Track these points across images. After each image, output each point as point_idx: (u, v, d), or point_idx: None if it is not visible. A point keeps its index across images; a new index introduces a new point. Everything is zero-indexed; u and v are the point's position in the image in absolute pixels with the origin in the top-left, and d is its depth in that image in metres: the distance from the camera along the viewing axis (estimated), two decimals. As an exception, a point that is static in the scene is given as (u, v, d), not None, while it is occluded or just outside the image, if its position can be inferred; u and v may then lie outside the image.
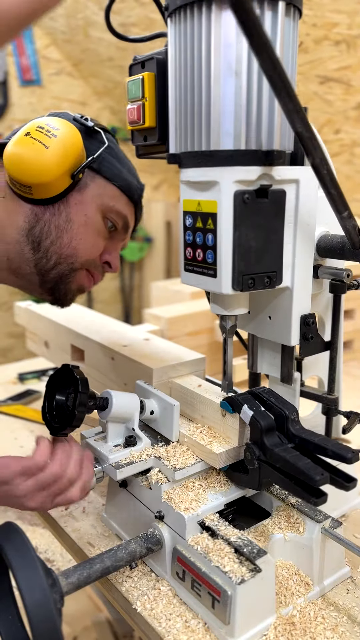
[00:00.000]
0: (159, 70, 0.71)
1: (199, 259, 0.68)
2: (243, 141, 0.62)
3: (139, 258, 3.61)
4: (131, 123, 0.75)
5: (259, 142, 0.62)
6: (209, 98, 0.61)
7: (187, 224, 0.69)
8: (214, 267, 0.66)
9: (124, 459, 0.75)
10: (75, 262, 0.89)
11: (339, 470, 0.63)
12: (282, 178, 0.66)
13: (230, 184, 0.62)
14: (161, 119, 0.72)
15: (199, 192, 0.66)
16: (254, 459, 0.69)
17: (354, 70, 1.77)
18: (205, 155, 0.63)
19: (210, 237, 0.65)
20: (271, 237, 0.67)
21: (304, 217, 0.70)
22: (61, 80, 3.16)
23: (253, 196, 0.63)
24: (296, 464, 0.62)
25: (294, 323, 0.74)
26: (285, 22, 0.61)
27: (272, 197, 0.65)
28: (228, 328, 0.74)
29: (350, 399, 1.22)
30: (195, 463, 0.75)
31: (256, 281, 0.66)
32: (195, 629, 0.65)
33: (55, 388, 0.78)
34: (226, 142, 0.62)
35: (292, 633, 0.65)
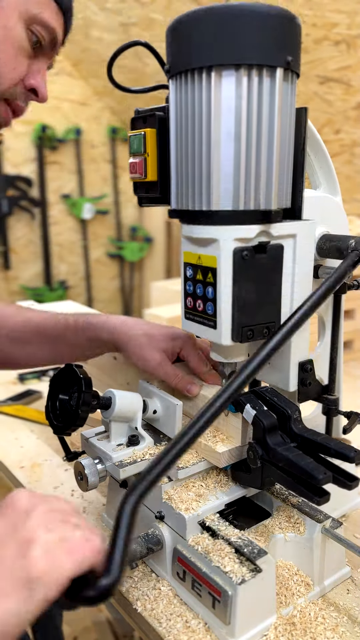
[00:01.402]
0: (160, 127, 0.72)
1: (199, 309, 0.70)
2: (242, 202, 0.63)
3: (139, 258, 3.61)
4: (133, 177, 0.76)
5: (257, 202, 0.64)
6: (209, 160, 0.63)
7: (188, 275, 0.71)
8: (214, 318, 0.67)
9: (126, 458, 0.75)
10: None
11: (341, 470, 0.63)
12: (280, 234, 0.68)
13: (230, 241, 0.64)
14: (163, 173, 0.73)
15: (199, 247, 0.68)
16: (256, 458, 0.69)
17: (354, 70, 1.77)
18: (205, 215, 0.65)
19: (210, 290, 0.67)
20: (270, 290, 0.69)
21: (301, 268, 0.72)
22: (61, 80, 3.16)
23: (252, 252, 0.65)
24: (299, 463, 0.62)
25: (292, 370, 0.75)
26: (284, 86, 0.62)
27: (270, 252, 0.67)
28: (227, 374, 0.76)
29: (351, 399, 1.22)
30: (198, 462, 0.75)
31: (255, 332, 0.68)
32: (195, 629, 0.65)
33: (59, 387, 0.78)
34: (225, 203, 0.64)
35: (292, 633, 0.65)
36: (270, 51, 0.60)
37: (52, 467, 1.05)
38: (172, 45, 0.64)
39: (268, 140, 0.63)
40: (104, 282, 3.63)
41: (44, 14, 0.74)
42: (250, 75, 0.60)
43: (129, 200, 3.60)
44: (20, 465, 1.06)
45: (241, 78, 0.60)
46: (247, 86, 0.60)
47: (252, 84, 0.60)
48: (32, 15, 0.73)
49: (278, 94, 0.61)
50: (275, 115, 0.62)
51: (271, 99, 0.62)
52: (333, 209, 0.79)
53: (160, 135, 0.72)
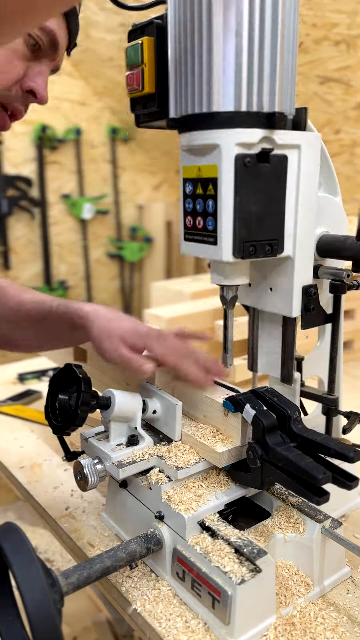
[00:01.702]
0: (159, 35, 0.70)
1: (199, 226, 0.67)
2: (244, 102, 0.61)
3: (139, 258, 3.61)
4: (130, 90, 0.73)
5: (260, 103, 0.62)
6: (210, 58, 0.60)
7: (187, 191, 0.68)
8: (215, 234, 0.65)
9: (126, 458, 0.75)
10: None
11: (341, 470, 0.63)
12: (284, 143, 0.65)
13: (231, 146, 0.61)
14: (161, 85, 0.70)
15: (199, 158, 0.65)
16: (256, 458, 0.69)
17: (354, 70, 1.77)
18: (206, 117, 0.63)
19: (211, 203, 0.64)
20: (273, 204, 0.66)
21: (306, 184, 0.69)
22: (61, 80, 3.16)
23: (254, 160, 0.62)
24: (299, 463, 0.62)
25: (295, 293, 0.73)
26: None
27: (273, 162, 0.64)
28: (229, 299, 0.73)
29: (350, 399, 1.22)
30: (198, 462, 0.75)
31: (257, 249, 0.65)
32: (195, 629, 0.65)
33: (58, 387, 0.78)
34: (227, 104, 0.61)
35: (292, 633, 0.65)
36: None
37: (52, 467, 1.05)
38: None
39: (271, 36, 0.60)
40: (104, 282, 3.63)
41: None
42: None
43: (129, 200, 3.59)
44: (20, 465, 1.06)
45: None
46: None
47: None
48: None
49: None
50: (279, 9, 0.60)
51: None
52: (333, 209, 0.79)
53: (158, 44, 0.70)
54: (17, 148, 3.11)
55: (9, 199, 3.09)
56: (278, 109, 0.62)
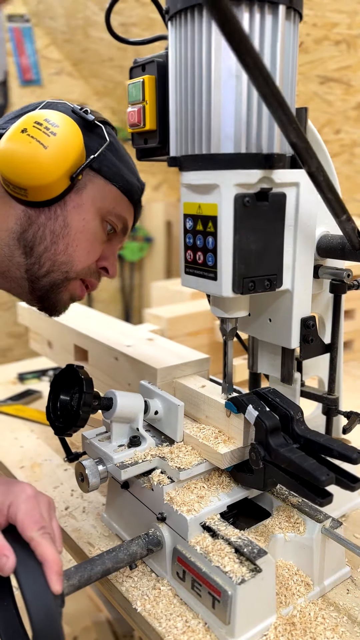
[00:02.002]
0: (160, 73, 0.71)
1: (199, 261, 0.68)
2: (243, 145, 0.62)
3: (139, 258, 3.61)
4: (132, 126, 0.75)
5: (260, 145, 0.63)
6: (210, 101, 0.61)
7: (188, 226, 0.69)
8: (215, 270, 0.66)
9: (128, 459, 0.75)
10: (70, 270, 0.82)
11: (343, 471, 0.63)
12: (283, 181, 0.66)
13: (231, 187, 0.62)
14: (162, 121, 0.72)
15: (199, 195, 0.66)
16: (259, 460, 0.69)
17: (354, 70, 1.77)
18: (206, 159, 0.64)
19: (211, 240, 0.65)
20: (271, 240, 0.67)
21: (304, 219, 0.70)
22: (61, 80, 3.16)
23: (253, 199, 0.63)
24: (301, 465, 0.62)
25: (294, 325, 0.74)
26: (286, 25, 0.61)
27: (272, 200, 0.65)
28: (228, 331, 0.75)
29: (351, 399, 1.22)
30: (200, 463, 0.75)
31: (256, 284, 0.66)
32: (195, 629, 0.65)
33: (60, 388, 0.78)
34: (227, 146, 0.62)
35: (292, 633, 0.65)
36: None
37: (52, 467, 1.05)
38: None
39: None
40: (104, 282, 3.63)
41: (117, 208, 0.85)
42: (252, 11, 0.58)
43: (129, 200, 3.60)
44: (20, 465, 1.06)
45: (242, 14, 0.58)
46: (249, 22, 0.59)
47: (254, 20, 0.59)
48: (108, 210, 0.83)
49: (280, 31, 0.60)
50: (278, 53, 0.60)
51: (273, 37, 0.60)
52: (333, 209, 0.79)
53: (159, 82, 0.70)
54: (17, 148, 3.11)
55: (9, 199, 3.09)
56: (277, 151, 0.63)
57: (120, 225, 0.87)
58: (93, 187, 0.82)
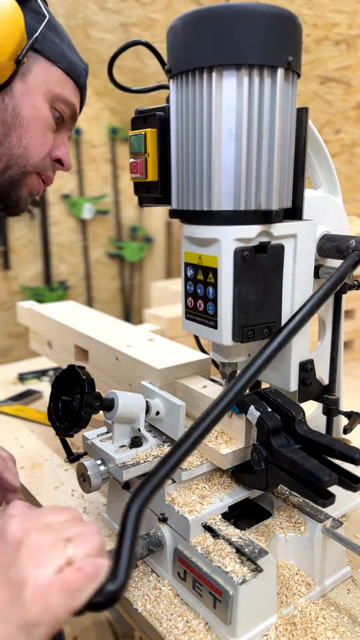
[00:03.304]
0: (161, 127, 0.72)
1: (199, 309, 0.70)
2: (242, 202, 0.64)
3: (139, 258, 3.61)
4: (134, 177, 0.76)
5: (258, 202, 0.64)
6: (210, 160, 0.63)
7: (189, 274, 0.71)
8: (215, 318, 0.67)
9: (129, 459, 0.75)
10: (27, 164, 0.79)
11: (346, 471, 0.63)
12: (281, 234, 0.68)
13: (231, 241, 0.64)
14: (163, 173, 0.73)
15: (200, 247, 0.68)
16: (261, 460, 0.69)
17: (354, 70, 1.77)
18: (206, 215, 0.65)
19: (211, 290, 0.67)
20: (270, 290, 0.69)
21: (301, 269, 0.72)
22: (61, 80, 3.16)
23: (252, 252, 0.65)
24: (304, 465, 0.62)
25: (292, 370, 0.75)
26: (284, 87, 0.62)
27: (271, 252, 0.67)
28: (228, 374, 0.76)
29: (351, 399, 1.22)
30: (201, 464, 0.75)
31: (256, 332, 0.68)
32: (196, 629, 0.65)
33: (61, 389, 0.78)
34: (226, 203, 0.64)
35: (293, 633, 0.65)
36: (271, 51, 0.60)
37: (52, 467, 1.05)
38: (173, 45, 0.64)
39: (269, 141, 0.63)
40: (104, 282, 3.63)
41: (65, 92, 0.81)
42: (252, 75, 0.60)
43: (129, 200, 3.59)
44: (20, 466, 1.06)
45: (242, 78, 0.60)
46: (248, 86, 0.60)
47: (253, 84, 0.60)
48: (55, 94, 0.80)
49: (279, 94, 0.61)
50: (277, 115, 0.62)
51: (272, 99, 0.62)
52: (333, 209, 0.79)
53: (160, 135, 0.72)
54: (17, 148, 3.11)
55: (9, 199, 3.09)
56: (275, 207, 0.65)
57: (68, 112, 0.83)
58: (38, 70, 0.77)
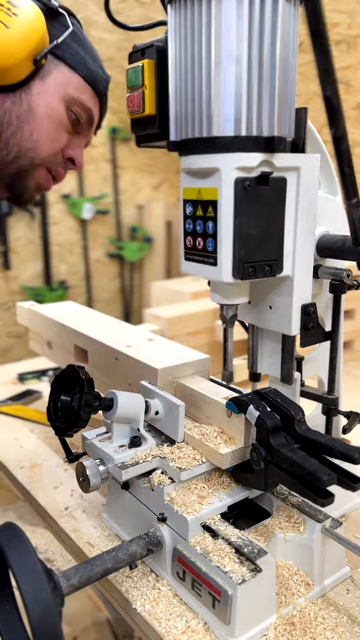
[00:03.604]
0: (159, 58, 0.70)
1: (199, 247, 0.68)
2: (244, 127, 0.62)
3: (139, 258, 3.61)
4: (131, 111, 0.74)
5: (260, 128, 0.62)
6: (209, 84, 0.61)
7: (187, 212, 0.69)
8: (214, 255, 0.65)
9: (129, 459, 0.75)
10: (37, 156, 0.84)
11: (345, 471, 0.63)
12: (283, 165, 0.66)
13: (231, 170, 0.62)
14: (161, 106, 0.71)
15: (199, 180, 0.66)
16: (260, 460, 0.68)
17: (354, 70, 1.77)
18: (206, 142, 0.63)
19: (211, 225, 0.65)
20: (272, 225, 0.66)
21: (304, 205, 0.69)
22: (61, 80, 3.15)
23: (254, 183, 0.63)
24: (303, 465, 0.62)
25: (294, 312, 0.73)
26: (286, 7, 0.61)
27: (273, 185, 0.65)
28: (228, 317, 0.74)
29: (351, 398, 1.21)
30: (201, 464, 0.75)
31: (257, 269, 0.66)
32: (195, 629, 0.65)
33: (60, 389, 0.78)
34: (227, 128, 0.62)
35: (292, 633, 0.65)
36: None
37: (51, 467, 1.05)
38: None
39: (270, 63, 0.61)
40: (104, 282, 3.63)
41: (82, 97, 0.87)
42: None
43: (129, 200, 3.59)
44: (20, 466, 1.06)
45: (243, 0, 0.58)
46: (249, 5, 0.59)
47: (253, 3, 0.59)
48: (72, 98, 0.86)
49: (281, 14, 0.60)
50: (278, 37, 0.60)
51: (273, 20, 0.60)
52: (333, 209, 0.79)
53: (159, 67, 0.70)
54: (17, 148, 3.11)
55: (9, 199, 3.09)
56: (277, 134, 0.63)
57: (85, 116, 0.89)
58: (57, 75, 0.84)
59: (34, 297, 3.18)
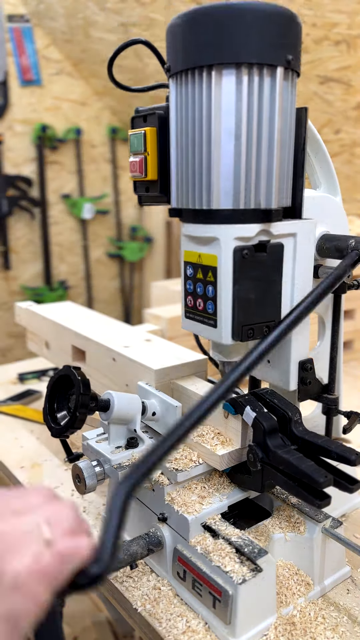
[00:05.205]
0: (161, 125, 0.72)
1: (199, 308, 0.70)
2: (242, 201, 0.64)
3: (139, 258, 3.61)
4: (134, 175, 0.76)
5: (258, 201, 0.64)
6: (209, 159, 0.63)
7: (188, 273, 0.71)
8: (214, 317, 0.67)
9: (125, 460, 0.75)
10: None
11: (342, 472, 0.63)
12: (280, 233, 0.68)
13: (230, 240, 0.64)
14: (163, 172, 0.73)
15: (199, 246, 0.68)
16: (256, 461, 0.68)
17: (354, 70, 1.77)
18: (205, 214, 0.65)
19: (211, 288, 0.67)
20: (270, 289, 0.69)
21: (301, 268, 0.72)
22: (61, 80, 3.16)
23: (252, 251, 0.65)
24: (299, 466, 0.62)
25: (292, 369, 0.75)
26: (284, 85, 0.63)
27: (270, 251, 0.67)
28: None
29: (351, 398, 1.22)
30: (198, 465, 0.74)
31: (255, 331, 0.68)
32: (196, 629, 0.65)
33: (57, 389, 0.78)
34: (225, 202, 0.64)
35: (292, 633, 0.65)
36: (271, 50, 0.60)
37: (52, 467, 1.05)
38: (172, 44, 0.64)
39: (268, 139, 0.63)
40: (104, 282, 3.63)
41: None
42: (251, 74, 0.60)
43: (129, 200, 3.59)
44: (20, 466, 1.06)
45: (241, 77, 0.60)
46: (248, 85, 0.60)
47: (252, 83, 0.60)
48: None
49: (278, 93, 0.61)
50: (276, 114, 0.62)
51: (271, 98, 0.62)
52: (333, 209, 0.79)
53: (160, 134, 0.72)
54: (17, 148, 3.11)
55: (9, 199, 3.10)
56: (275, 206, 0.65)
57: None
58: None
59: (34, 297, 3.18)
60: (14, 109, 3.03)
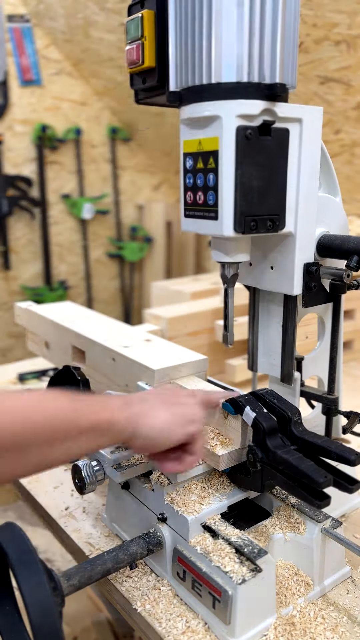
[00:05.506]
0: (159, 8, 0.69)
1: (199, 201, 0.66)
2: (245, 73, 0.61)
3: (139, 258, 3.61)
4: (130, 64, 0.73)
5: (262, 74, 0.61)
6: (211, 30, 0.60)
7: (187, 166, 0.67)
8: (215, 208, 0.64)
9: (125, 460, 0.75)
10: None
11: (342, 473, 0.63)
12: (285, 115, 0.65)
13: (233, 118, 0.61)
14: (161, 58, 0.70)
15: (200, 130, 0.65)
16: (256, 461, 0.68)
17: (354, 70, 1.77)
18: (207, 89, 0.62)
19: (212, 177, 0.64)
20: (274, 178, 0.65)
21: (307, 159, 0.68)
22: (61, 80, 3.16)
23: (256, 132, 0.62)
24: (299, 467, 0.62)
25: (296, 271, 0.72)
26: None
27: (275, 136, 0.64)
28: (229, 277, 0.73)
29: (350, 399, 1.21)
30: (197, 465, 0.74)
31: (259, 224, 0.64)
32: (195, 629, 0.65)
33: (57, 389, 0.78)
34: (228, 74, 0.61)
35: (292, 633, 0.65)
36: None
37: (52, 467, 1.05)
38: None
39: (272, 7, 0.60)
40: (104, 282, 3.62)
41: None
42: None
43: (129, 200, 3.59)
44: (20, 465, 1.05)
45: None
46: None
47: None
48: None
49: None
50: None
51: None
52: (333, 209, 0.79)
53: (158, 17, 0.69)
54: (17, 148, 3.11)
55: (9, 199, 3.10)
56: (279, 80, 0.62)
57: None
58: None
59: (34, 297, 3.18)
60: (14, 109, 3.03)
